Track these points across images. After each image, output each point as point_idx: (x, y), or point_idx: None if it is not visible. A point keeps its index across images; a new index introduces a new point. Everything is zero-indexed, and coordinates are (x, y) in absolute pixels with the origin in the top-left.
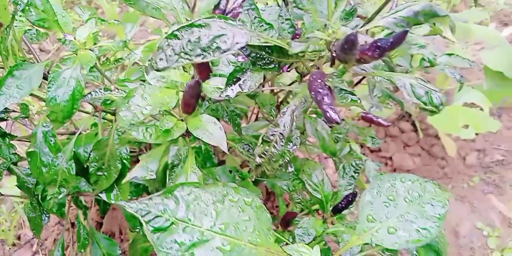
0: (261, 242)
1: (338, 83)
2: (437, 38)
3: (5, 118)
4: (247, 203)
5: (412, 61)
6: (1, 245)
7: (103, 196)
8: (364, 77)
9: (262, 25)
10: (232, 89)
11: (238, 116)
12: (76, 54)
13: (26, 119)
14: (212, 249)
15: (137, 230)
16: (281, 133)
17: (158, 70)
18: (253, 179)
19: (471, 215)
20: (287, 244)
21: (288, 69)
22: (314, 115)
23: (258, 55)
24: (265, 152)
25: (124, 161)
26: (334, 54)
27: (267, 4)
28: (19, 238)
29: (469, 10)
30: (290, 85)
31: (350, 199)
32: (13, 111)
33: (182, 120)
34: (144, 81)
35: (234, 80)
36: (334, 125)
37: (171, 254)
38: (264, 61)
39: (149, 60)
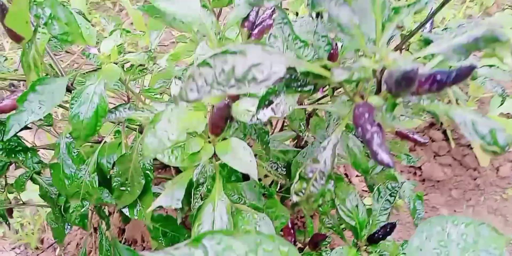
0: None
1: (387, 119)
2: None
3: (29, 127)
4: (283, 254)
5: None
6: (24, 249)
7: (126, 211)
8: None
9: (297, 43)
10: (264, 113)
11: (266, 134)
12: (100, 68)
13: (51, 127)
14: None
15: (159, 240)
16: (321, 171)
17: (188, 101)
18: (279, 195)
19: (505, 229)
20: None
21: (324, 90)
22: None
23: (293, 77)
24: (303, 190)
25: (148, 172)
26: (383, 85)
27: (297, 14)
28: (42, 241)
29: (502, 12)
30: (320, 99)
31: (388, 229)
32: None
33: (209, 142)
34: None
35: (267, 103)
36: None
37: None
38: (299, 83)
39: (179, 89)
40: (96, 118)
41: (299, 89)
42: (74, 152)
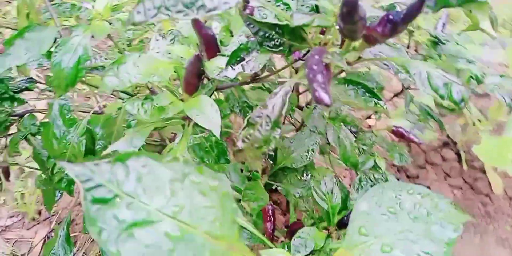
0: (221, 235)
1: (337, 60)
2: (493, 61)
3: (31, 88)
4: (212, 188)
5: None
6: (22, 218)
7: None
8: (402, 91)
9: (279, 5)
10: (234, 69)
11: (250, 108)
12: (90, 23)
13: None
14: (157, 233)
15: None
16: (268, 116)
17: (134, 24)
18: (264, 183)
19: None
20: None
21: (303, 58)
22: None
23: (267, 35)
24: (249, 136)
25: None
26: (338, 28)
27: None
28: (39, 213)
29: None
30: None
31: None
32: (39, 82)
33: (182, 100)
34: None
35: (238, 59)
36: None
37: (106, 230)
38: (274, 42)
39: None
40: (77, 69)
41: (273, 48)
42: (67, 114)
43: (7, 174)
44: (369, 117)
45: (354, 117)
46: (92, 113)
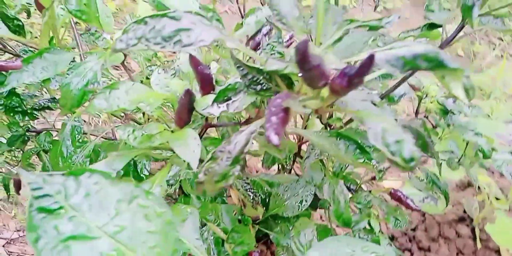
0: None
1: (295, 106)
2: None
3: (52, 107)
4: (158, 214)
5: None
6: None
7: None
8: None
9: (274, 53)
10: (219, 107)
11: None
12: (105, 51)
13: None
14: (92, 249)
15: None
16: (229, 151)
17: (115, 51)
18: (256, 229)
19: None
20: None
21: None
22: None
23: (255, 79)
24: (210, 169)
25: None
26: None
27: None
28: None
29: None
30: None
31: None
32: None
33: (172, 131)
34: None
35: (225, 98)
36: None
37: (44, 238)
38: (260, 86)
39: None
40: (84, 92)
41: (260, 92)
42: (78, 136)
43: (19, 187)
44: (373, 179)
45: (358, 175)
46: (104, 138)
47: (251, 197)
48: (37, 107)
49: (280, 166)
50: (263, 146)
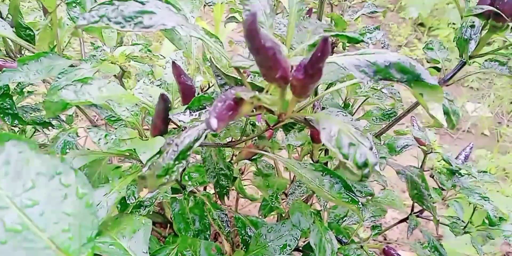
0: (67, 247)
1: (247, 97)
2: None
3: (55, 126)
4: (79, 195)
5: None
6: None
7: None
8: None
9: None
10: (192, 114)
11: (226, 177)
12: (101, 62)
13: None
14: None
15: None
16: (176, 144)
17: (76, 27)
18: None
19: None
20: None
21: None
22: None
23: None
24: (155, 163)
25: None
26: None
27: None
28: None
29: None
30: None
31: None
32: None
33: (145, 139)
34: None
35: (200, 107)
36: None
37: None
38: None
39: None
40: None
41: None
42: (68, 152)
43: None
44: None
45: (353, 229)
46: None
47: (226, 230)
48: (38, 121)
49: (278, 216)
50: (258, 186)
